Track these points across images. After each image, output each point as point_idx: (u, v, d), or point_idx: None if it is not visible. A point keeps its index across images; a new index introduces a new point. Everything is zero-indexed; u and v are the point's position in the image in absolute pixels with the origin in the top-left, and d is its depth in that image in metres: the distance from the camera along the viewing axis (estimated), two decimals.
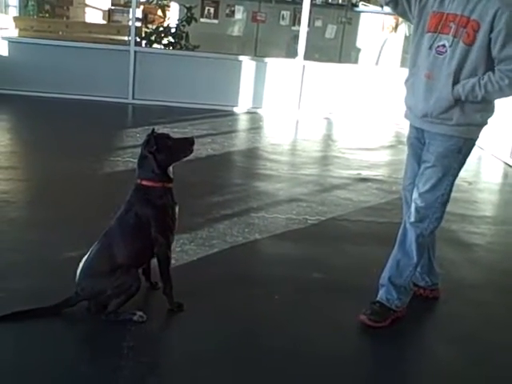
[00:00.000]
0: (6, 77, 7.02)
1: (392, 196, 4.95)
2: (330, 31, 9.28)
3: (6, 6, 10.01)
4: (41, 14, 10.41)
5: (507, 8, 2.66)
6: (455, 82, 2.80)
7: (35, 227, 3.86)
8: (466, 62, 2.77)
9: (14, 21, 8.02)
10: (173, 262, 3.41)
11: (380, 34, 9.52)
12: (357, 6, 9.86)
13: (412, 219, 3.06)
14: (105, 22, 9.65)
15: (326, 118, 7.47)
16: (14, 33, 7.59)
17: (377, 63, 9.37)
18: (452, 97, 2.81)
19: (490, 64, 2.76)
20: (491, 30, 2.69)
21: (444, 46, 2.81)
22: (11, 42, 7.19)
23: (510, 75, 2.71)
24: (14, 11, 10.21)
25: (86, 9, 10.18)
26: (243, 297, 3.25)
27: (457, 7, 2.78)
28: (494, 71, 2.75)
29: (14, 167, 5.05)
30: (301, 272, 3.58)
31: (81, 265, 2.89)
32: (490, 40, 2.71)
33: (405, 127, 7.28)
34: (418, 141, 3.09)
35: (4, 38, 7.18)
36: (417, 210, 3.05)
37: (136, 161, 3.04)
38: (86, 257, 2.92)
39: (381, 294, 3.15)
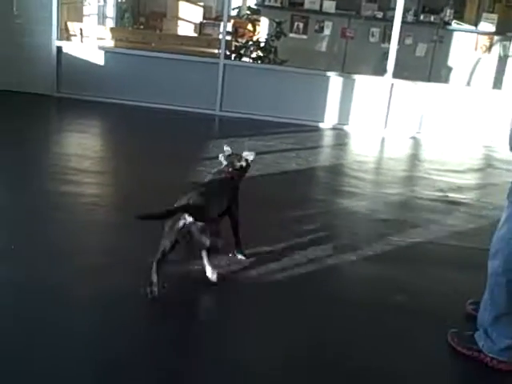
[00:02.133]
0: (101, 85, 7.29)
1: (480, 221, 4.79)
2: (421, 49, 9.11)
3: (104, 17, 10.45)
4: (135, 26, 10.79)
5: None
6: None
7: (122, 230, 3.96)
8: None
9: (111, 32, 8.33)
10: (254, 274, 3.44)
11: (473, 53, 9.27)
12: (449, 24, 9.65)
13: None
14: (196, 35, 9.88)
15: (412, 138, 7.33)
16: (110, 43, 7.88)
17: (468, 83, 9.12)
18: None
19: None
20: None
21: None
22: (107, 51, 7.47)
23: None
24: (110, 22, 10.65)
25: (179, 22, 10.48)
26: (323, 314, 3.21)
27: None
28: None
29: (104, 172, 5.22)
30: (384, 293, 3.50)
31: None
32: None
33: (495, 150, 7.06)
34: None
35: (100, 48, 7.46)
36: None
37: None
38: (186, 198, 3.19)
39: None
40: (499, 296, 2.87)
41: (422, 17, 9.87)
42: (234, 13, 11.07)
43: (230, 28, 8.37)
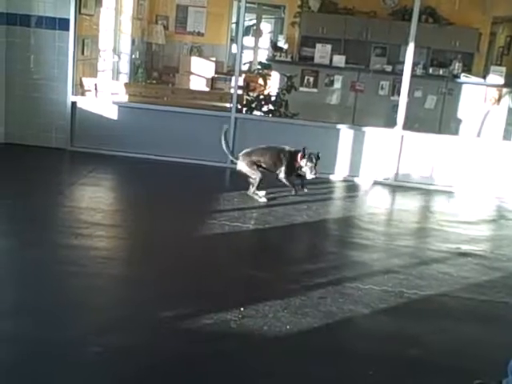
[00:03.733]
0: (114, 139, 7.40)
1: (494, 273, 4.74)
2: (430, 102, 9.23)
3: (118, 73, 10.68)
4: (149, 81, 11.00)
5: None
6: None
7: (134, 285, 3.97)
8: None
9: (125, 87, 8.50)
10: (265, 328, 3.42)
11: (482, 105, 9.36)
12: (458, 77, 9.79)
13: None
14: (208, 89, 10.05)
15: (424, 190, 7.32)
16: (124, 98, 8.03)
17: (478, 135, 9.17)
18: None
19: None
20: None
21: None
22: (121, 106, 7.60)
23: None
24: (124, 78, 10.87)
25: (191, 76, 10.68)
26: (335, 370, 3.16)
27: None
28: None
29: (116, 225, 5.25)
30: (396, 348, 3.46)
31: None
32: None
33: (507, 201, 7.06)
34: None
35: (114, 103, 7.61)
36: None
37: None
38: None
39: None
40: None
41: (430, 70, 10.05)
42: (245, 67, 11.34)
43: (241, 82, 8.51)
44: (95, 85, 7.87)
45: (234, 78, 7.82)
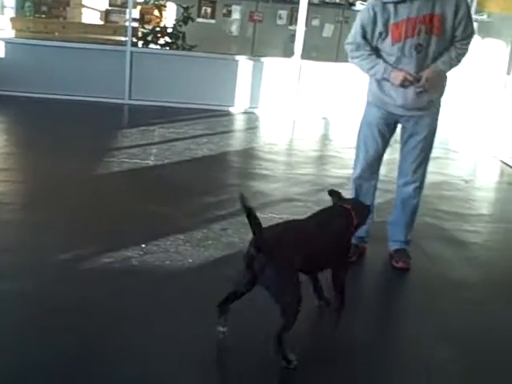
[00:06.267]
0: (2, 78, 7.01)
1: (387, 195, 4.93)
2: (328, 30, 9.27)
3: (3, 6, 10.01)
4: (37, 15, 10.39)
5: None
6: None
7: (30, 229, 3.86)
8: None
9: (11, 22, 8.03)
10: (167, 262, 3.44)
11: None
12: (354, 5, 9.85)
13: None
14: (102, 23, 9.64)
15: (323, 118, 7.46)
16: (10, 34, 7.58)
17: None
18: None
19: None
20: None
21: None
22: (7, 42, 7.18)
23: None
24: (10, 12, 10.21)
25: (83, 9, 10.17)
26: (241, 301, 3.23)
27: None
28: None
29: (9, 169, 5.04)
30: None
31: None
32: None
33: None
34: None
35: (0, 39, 7.17)
36: None
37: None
38: None
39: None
40: None
41: None
42: None
43: (136, 14, 8.23)
44: None
45: (128, 11, 7.54)
